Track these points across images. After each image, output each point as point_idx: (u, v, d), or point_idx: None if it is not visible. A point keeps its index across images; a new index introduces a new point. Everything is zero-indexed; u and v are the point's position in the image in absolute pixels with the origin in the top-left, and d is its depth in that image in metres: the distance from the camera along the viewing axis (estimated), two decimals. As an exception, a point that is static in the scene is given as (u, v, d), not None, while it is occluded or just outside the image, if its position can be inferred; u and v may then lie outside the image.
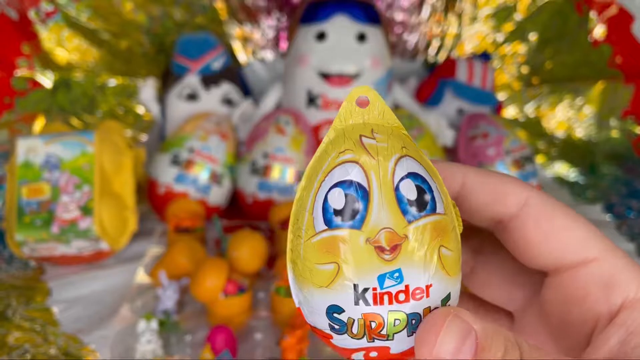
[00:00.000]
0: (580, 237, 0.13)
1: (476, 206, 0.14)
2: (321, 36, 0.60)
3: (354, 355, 0.13)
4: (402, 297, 0.12)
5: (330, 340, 0.13)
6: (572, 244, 0.13)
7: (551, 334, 0.13)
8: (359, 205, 0.12)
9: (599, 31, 0.75)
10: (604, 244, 0.13)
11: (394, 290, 0.12)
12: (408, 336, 0.12)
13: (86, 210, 0.49)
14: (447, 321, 0.11)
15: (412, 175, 0.12)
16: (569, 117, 0.82)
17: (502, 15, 0.79)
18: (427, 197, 0.12)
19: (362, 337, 0.12)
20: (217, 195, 0.59)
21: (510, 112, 0.84)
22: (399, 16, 0.79)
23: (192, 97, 0.66)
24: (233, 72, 0.69)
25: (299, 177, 0.58)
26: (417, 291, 0.12)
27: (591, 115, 0.80)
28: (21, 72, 0.68)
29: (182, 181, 0.57)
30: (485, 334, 0.11)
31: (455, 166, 0.14)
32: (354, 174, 0.12)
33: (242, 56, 0.79)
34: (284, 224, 0.52)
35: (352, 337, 0.12)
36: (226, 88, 0.67)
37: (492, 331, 0.11)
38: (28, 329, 0.44)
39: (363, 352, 0.12)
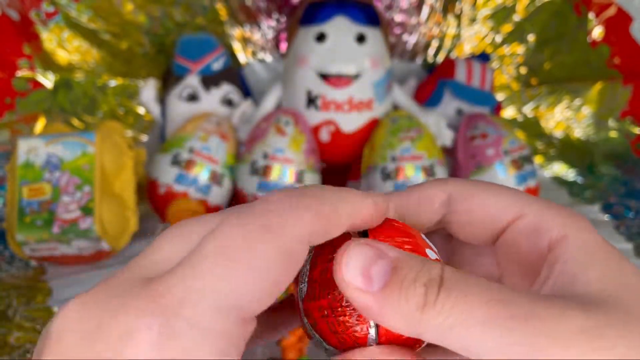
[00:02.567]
0: (502, 203, 0.13)
1: (420, 220, 0.15)
2: (321, 37, 0.60)
3: None
4: None
5: None
6: (496, 212, 0.13)
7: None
8: None
9: (597, 32, 0.75)
10: (527, 201, 0.13)
11: None
12: None
13: (87, 211, 0.49)
14: (352, 245, 0.11)
15: None
16: (567, 117, 0.82)
17: (500, 16, 0.79)
18: None
19: None
20: (218, 196, 0.59)
21: (509, 112, 0.84)
22: (398, 17, 0.79)
23: (193, 97, 0.66)
24: (233, 73, 0.70)
25: (298, 177, 0.58)
26: None
27: (590, 115, 0.80)
28: (22, 72, 0.68)
29: (182, 181, 0.57)
30: (400, 257, 0.11)
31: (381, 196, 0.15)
32: None
33: (242, 57, 0.80)
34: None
35: None
36: (226, 89, 0.67)
37: (407, 256, 0.11)
38: (29, 328, 0.44)
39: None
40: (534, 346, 0.10)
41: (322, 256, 0.13)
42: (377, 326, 0.12)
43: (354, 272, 0.11)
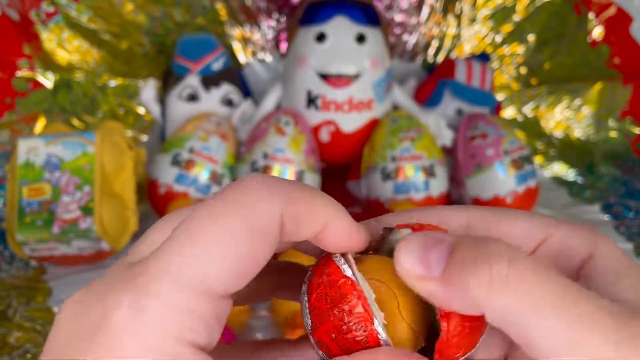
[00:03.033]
0: (527, 227, 0.13)
1: None
2: (321, 37, 0.60)
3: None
4: None
5: None
6: (522, 236, 0.13)
7: None
8: None
9: (597, 32, 0.75)
10: (550, 223, 0.13)
11: None
12: None
13: (87, 211, 0.49)
14: (407, 236, 0.11)
15: None
16: (567, 117, 0.82)
17: (500, 16, 0.79)
18: None
19: None
20: (217, 196, 0.59)
21: (509, 112, 0.84)
22: (398, 17, 0.79)
23: (193, 97, 0.66)
24: (233, 73, 0.70)
25: (298, 177, 0.58)
26: None
27: (590, 115, 0.80)
28: (22, 72, 0.68)
29: (182, 181, 0.57)
30: (457, 240, 0.11)
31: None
32: None
33: (242, 57, 0.80)
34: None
35: None
36: (226, 89, 0.67)
37: (465, 238, 0.11)
38: (29, 328, 0.44)
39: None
40: (604, 347, 0.09)
41: (314, 281, 0.13)
42: (386, 327, 0.12)
43: (413, 261, 0.11)
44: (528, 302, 0.10)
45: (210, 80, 0.66)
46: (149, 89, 0.68)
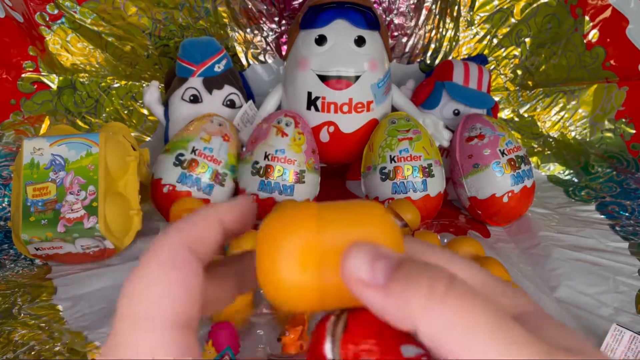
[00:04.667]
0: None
1: None
2: (321, 40, 0.61)
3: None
4: None
5: None
6: None
7: None
8: None
9: (593, 34, 0.76)
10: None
11: None
12: None
13: (91, 210, 0.50)
14: (355, 245, 0.12)
15: None
16: (563, 118, 0.83)
17: (497, 18, 0.80)
18: None
19: None
20: (220, 195, 0.60)
21: (505, 113, 0.85)
22: (396, 20, 0.80)
23: (195, 99, 0.67)
24: (235, 75, 0.70)
25: (299, 177, 0.59)
26: None
27: (585, 116, 0.81)
28: (27, 74, 0.69)
29: (185, 181, 0.58)
30: (404, 257, 0.11)
31: None
32: None
33: (243, 59, 0.81)
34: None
35: None
36: (228, 90, 0.68)
37: (410, 258, 0.11)
38: (34, 326, 0.45)
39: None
40: None
41: (313, 337, 0.13)
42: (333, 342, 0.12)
43: (360, 267, 0.11)
44: (463, 321, 0.10)
45: (212, 82, 0.67)
46: (151, 91, 0.69)
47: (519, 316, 0.12)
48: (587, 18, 0.75)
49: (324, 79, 0.61)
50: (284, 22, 0.78)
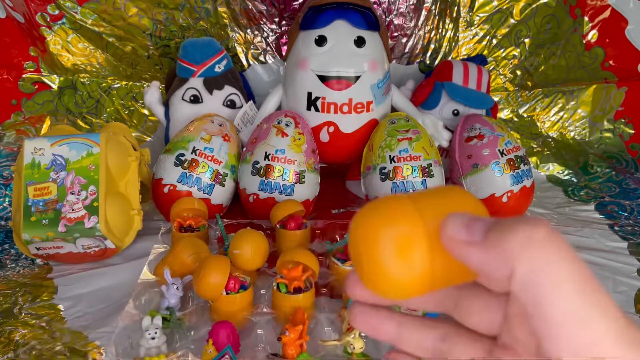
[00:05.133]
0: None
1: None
2: (321, 41, 0.61)
3: None
4: None
5: None
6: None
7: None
8: None
9: (592, 34, 0.76)
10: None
11: None
12: None
13: (92, 210, 0.50)
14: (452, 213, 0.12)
15: None
16: (562, 118, 0.83)
17: (496, 19, 0.80)
18: None
19: None
20: (220, 195, 0.60)
21: (504, 113, 0.85)
22: (396, 20, 0.80)
23: (196, 99, 0.67)
24: (235, 76, 0.71)
25: (299, 177, 0.59)
26: None
27: (584, 116, 0.81)
28: (28, 74, 0.69)
29: (186, 181, 0.58)
30: (501, 219, 0.12)
31: None
32: None
33: (244, 60, 0.81)
34: (284, 222, 0.53)
35: None
36: (228, 91, 0.68)
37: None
38: (34, 326, 0.45)
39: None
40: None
41: None
42: None
43: (459, 229, 0.12)
44: (555, 270, 0.10)
45: (212, 82, 0.67)
46: (152, 91, 0.69)
47: None
48: (586, 18, 0.76)
49: (324, 79, 0.61)
50: (284, 22, 0.79)
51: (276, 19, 0.79)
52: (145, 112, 0.80)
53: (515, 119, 0.85)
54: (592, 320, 0.10)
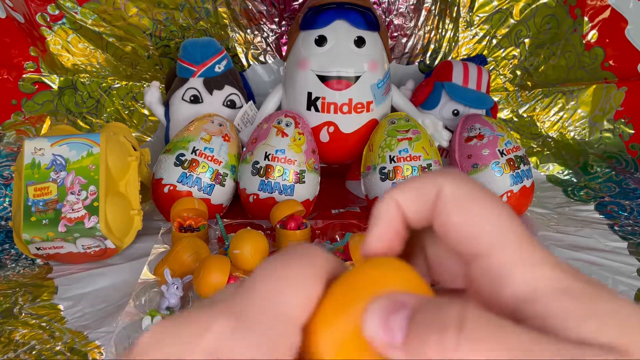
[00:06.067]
0: (486, 231, 0.12)
1: (413, 216, 0.14)
2: (321, 41, 0.61)
3: None
4: None
5: None
6: (478, 236, 0.12)
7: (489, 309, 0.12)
8: None
9: (592, 34, 0.76)
10: (501, 239, 0.13)
11: None
12: None
13: (92, 210, 0.50)
14: (372, 303, 0.11)
15: None
16: (562, 118, 0.83)
17: (496, 19, 0.80)
18: None
19: None
20: (220, 195, 0.60)
21: (504, 113, 0.85)
22: (396, 20, 0.80)
23: (196, 99, 0.67)
24: (235, 76, 0.71)
25: (299, 177, 0.59)
26: None
27: (584, 116, 0.81)
28: (28, 74, 0.69)
29: (186, 181, 0.58)
30: (417, 304, 0.11)
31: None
32: None
33: (244, 60, 0.81)
34: (284, 222, 0.53)
35: None
36: (228, 91, 0.68)
37: (424, 301, 0.11)
38: (34, 326, 0.45)
39: None
40: None
41: None
42: None
43: (377, 328, 0.11)
44: None
45: (212, 82, 0.67)
46: (152, 91, 0.69)
47: None
48: (586, 18, 0.76)
49: (324, 79, 0.61)
50: (284, 22, 0.79)
51: (276, 19, 0.79)
52: (146, 112, 0.80)
53: (515, 119, 0.85)
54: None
